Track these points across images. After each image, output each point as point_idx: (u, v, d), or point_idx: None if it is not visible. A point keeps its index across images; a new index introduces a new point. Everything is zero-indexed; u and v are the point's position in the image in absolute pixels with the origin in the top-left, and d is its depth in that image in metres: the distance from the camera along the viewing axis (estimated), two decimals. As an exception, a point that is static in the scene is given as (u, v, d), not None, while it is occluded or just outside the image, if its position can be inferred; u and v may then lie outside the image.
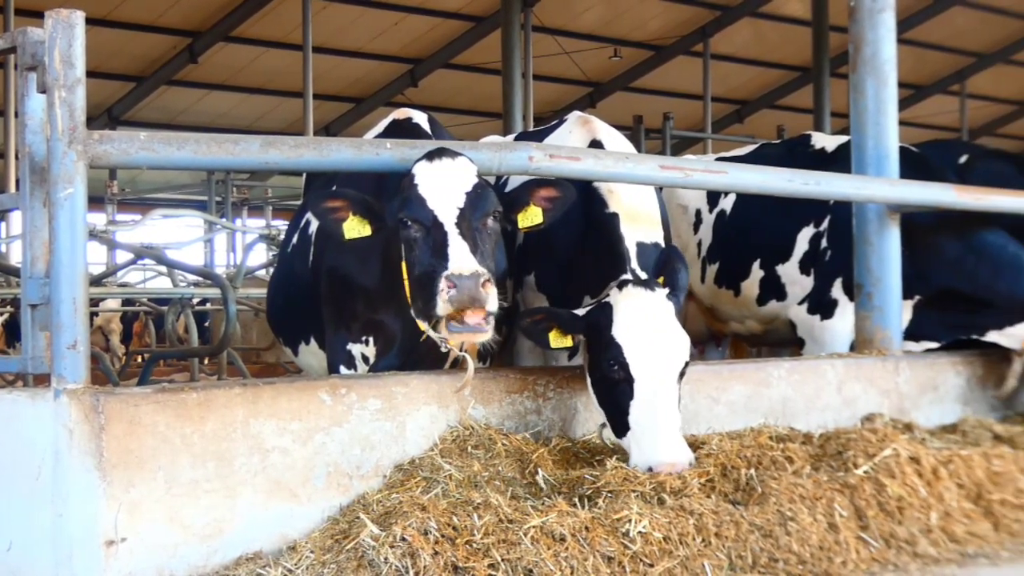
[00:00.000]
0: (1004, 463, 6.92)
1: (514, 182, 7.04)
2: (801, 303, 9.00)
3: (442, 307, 5.42)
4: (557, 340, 6.29)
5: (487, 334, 5.56)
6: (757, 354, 10.88)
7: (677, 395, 6.00)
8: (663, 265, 6.42)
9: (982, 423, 7.91)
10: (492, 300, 5.45)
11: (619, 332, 5.99)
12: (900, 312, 8.36)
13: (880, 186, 8.14)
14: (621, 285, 6.14)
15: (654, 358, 5.95)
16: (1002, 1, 30.32)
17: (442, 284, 5.40)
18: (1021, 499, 6.80)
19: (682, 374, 6.05)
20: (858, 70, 8.47)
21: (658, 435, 5.85)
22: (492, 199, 5.88)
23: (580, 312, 6.24)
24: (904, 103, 30.65)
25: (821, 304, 8.88)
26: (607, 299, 6.13)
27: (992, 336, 8.49)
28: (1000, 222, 8.66)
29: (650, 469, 5.76)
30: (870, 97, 8.42)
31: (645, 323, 5.99)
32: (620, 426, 5.99)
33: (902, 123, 8.81)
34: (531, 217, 6.17)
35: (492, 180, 6.48)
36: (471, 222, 5.70)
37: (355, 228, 5.99)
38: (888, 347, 8.21)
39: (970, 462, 6.76)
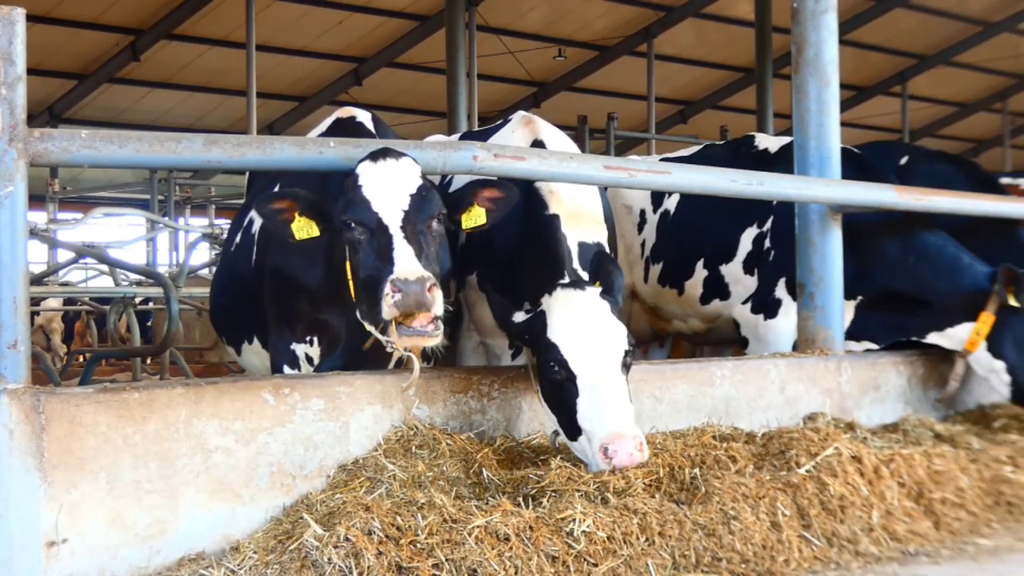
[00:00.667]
0: (945, 462, 6.98)
1: (459, 182, 7.04)
2: (745, 302, 9.04)
3: (387, 311, 5.41)
4: None
5: (436, 338, 5.56)
6: (699, 353, 10.91)
7: (625, 385, 5.98)
8: (596, 269, 6.43)
9: (923, 422, 7.98)
10: (438, 304, 5.44)
11: (553, 333, 5.99)
12: (842, 312, 8.41)
13: (822, 187, 8.19)
14: (551, 291, 6.16)
15: (591, 351, 5.94)
16: (943, 3, 30.57)
17: (387, 288, 5.38)
18: (962, 498, 6.86)
19: (627, 366, 6.05)
20: (800, 71, 8.52)
21: (606, 412, 5.81)
22: (437, 201, 5.85)
23: (518, 319, 6.26)
24: (846, 104, 30.92)
25: (765, 304, 8.93)
26: (541, 307, 6.14)
27: (932, 338, 8.56)
28: (939, 223, 8.74)
29: (605, 448, 5.72)
30: (812, 98, 8.47)
31: (577, 320, 6.00)
32: (572, 428, 5.95)
33: (844, 124, 8.87)
34: (475, 218, 6.16)
35: (436, 180, 6.47)
36: (416, 225, 5.67)
37: (303, 229, 5.96)
38: (830, 347, 8.26)
39: (911, 461, 6.81)
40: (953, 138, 40.04)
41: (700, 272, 9.40)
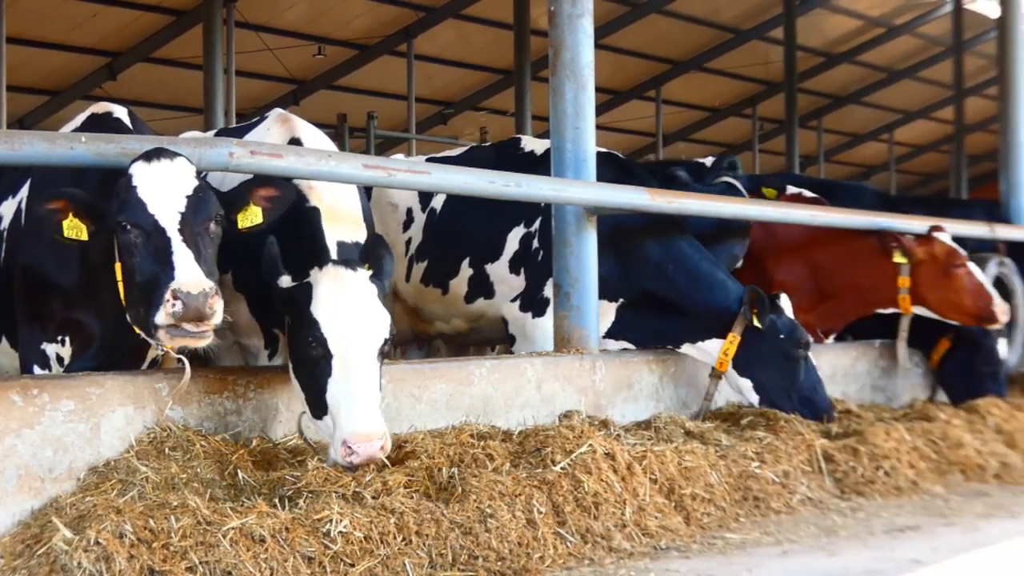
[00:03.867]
0: (695, 458, 7.15)
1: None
2: (514, 300, 9.11)
3: (165, 318, 5.34)
4: None
5: (208, 339, 5.49)
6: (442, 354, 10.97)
7: (378, 372, 5.99)
8: (368, 252, 6.40)
9: (674, 419, 8.14)
10: (218, 314, 5.42)
11: (317, 309, 5.96)
12: (597, 312, 8.54)
13: (578, 189, 8.31)
14: (322, 264, 6.12)
15: (352, 333, 5.93)
16: (696, 10, 31.19)
17: (167, 296, 5.31)
18: (711, 493, 7.04)
19: (384, 353, 6.05)
20: (557, 74, 8.62)
21: (354, 407, 5.83)
22: (214, 201, 5.81)
23: (284, 283, 6.17)
24: (602, 107, 31.33)
25: (533, 303, 9.02)
26: (308, 279, 6.09)
27: (686, 348, 8.81)
28: (689, 229, 9.00)
29: (345, 442, 5.75)
30: (569, 101, 8.57)
31: (344, 300, 5.98)
32: (319, 406, 5.95)
33: (601, 127, 9.01)
34: (251, 217, 6.11)
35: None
36: (194, 228, 5.62)
37: (73, 229, 5.80)
38: (586, 346, 8.38)
39: (663, 458, 6.95)
40: (705, 142, 40.92)
41: (465, 271, 9.43)
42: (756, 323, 8.41)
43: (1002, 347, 10.56)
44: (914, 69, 38.40)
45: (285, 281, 6.18)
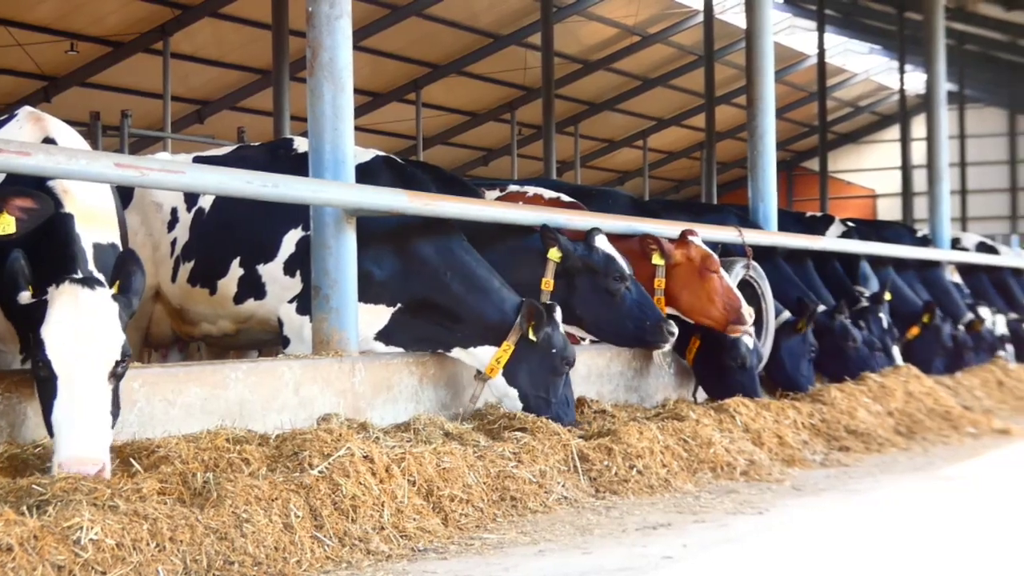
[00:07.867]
0: (453, 459, 7.18)
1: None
2: (291, 302, 9.01)
3: None
4: None
5: None
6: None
7: (107, 395, 5.92)
8: (119, 268, 6.29)
9: (433, 421, 8.16)
10: None
11: (46, 330, 5.87)
12: (357, 314, 8.52)
13: (336, 190, 8.29)
14: (60, 282, 6.00)
15: (78, 355, 5.85)
16: (456, 14, 31.44)
17: None
18: (469, 494, 7.08)
19: (117, 374, 5.97)
20: (315, 75, 8.59)
21: (73, 431, 5.78)
22: None
23: (23, 300, 6.06)
24: (363, 109, 31.32)
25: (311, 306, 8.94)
26: (46, 297, 5.98)
27: (456, 352, 8.81)
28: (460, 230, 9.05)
29: (60, 465, 5.71)
30: (327, 102, 8.55)
31: (73, 320, 5.89)
32: (48, 425, 5.90)
33: (361, 129, 9.02)
34: (3, 226, 5.97)
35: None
36: None
37: None
38: (345, 348, 8.36)
39: (421, 459, 6.97)
40: (465, 146, 41.26)
41: (235, 271, 9.29)
42: (532, 336, 8.50)
43: (748, 340, 10.86)
44: (667, 77, 39.41)
45: (24, 298, 6.07)
